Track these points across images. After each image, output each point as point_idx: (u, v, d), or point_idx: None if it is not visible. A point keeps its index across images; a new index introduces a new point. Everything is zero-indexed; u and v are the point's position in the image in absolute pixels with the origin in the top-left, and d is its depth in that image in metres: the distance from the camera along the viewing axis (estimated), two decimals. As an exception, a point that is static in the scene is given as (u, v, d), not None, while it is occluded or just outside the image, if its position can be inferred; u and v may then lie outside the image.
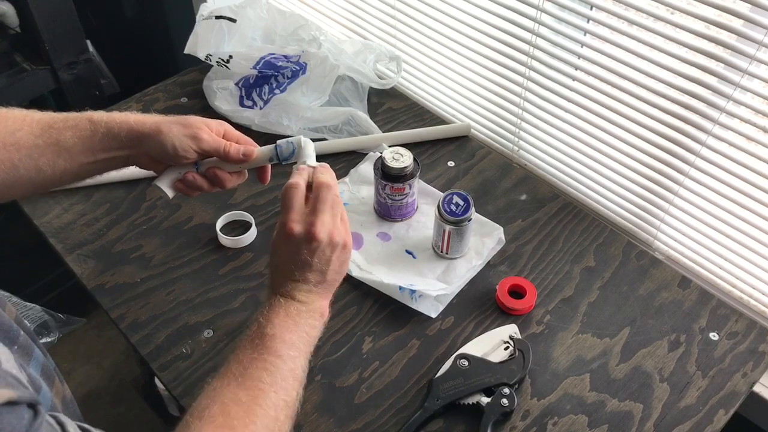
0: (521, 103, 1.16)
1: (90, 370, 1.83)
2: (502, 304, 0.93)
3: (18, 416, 0.43)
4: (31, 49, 1.47)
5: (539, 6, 1.02)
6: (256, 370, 0.63)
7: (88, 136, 0.74)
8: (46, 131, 0.73)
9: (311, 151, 0.79)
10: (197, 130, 0.76)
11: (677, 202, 1.02)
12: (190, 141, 0.76)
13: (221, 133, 0.80)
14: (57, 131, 0.73)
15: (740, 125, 0.89)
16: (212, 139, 0.77)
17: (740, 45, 0.84)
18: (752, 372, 0.87)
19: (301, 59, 1.18)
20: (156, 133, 0.75)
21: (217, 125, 0.79)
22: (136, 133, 0.75)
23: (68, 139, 0.73)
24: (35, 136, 0.72)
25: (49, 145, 0.73)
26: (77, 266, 0.99)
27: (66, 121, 0.74)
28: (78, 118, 0.74)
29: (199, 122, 0.77)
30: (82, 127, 0.74)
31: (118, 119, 0.75)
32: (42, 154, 0.73)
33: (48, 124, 0.73)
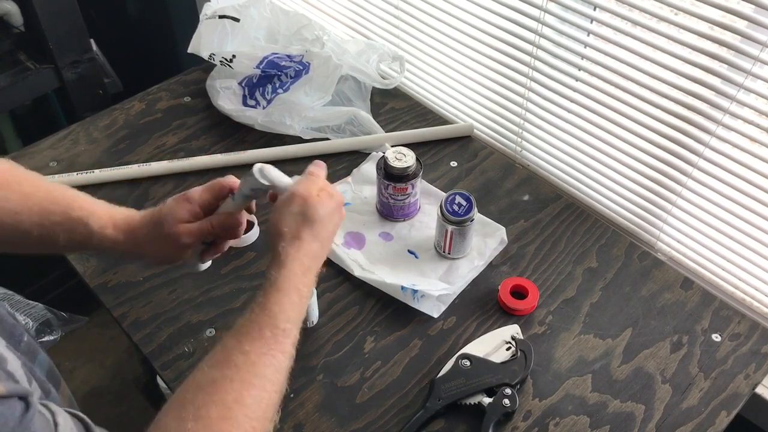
0: (524, 104, 1.16)
1: (92, 368, 1.83)
2: (504, 304, 0.93)
3: (10, 408, 0.43)
4: (34, 48, 1.47)
5: (542, 7, 1.02)
6: (264, 366, 0.60)
7: (80, 241, 0.73)
8: (41, 223, 0.71)
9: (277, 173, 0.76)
10: (176, 240, 0.74)
11: (680, 203, 1.02)
12: (179, 251, 0.76)
13: (196, 212, 0.76)
14: (51, 226, 0.71)
15: (744, 126, 0.89)
16: (193, 235, 0.75)
17: (744, 46, 0.83)
18: (754, 374, 0.87)
19: (305, 59, 1.19)
20: (145, 256, 0.76)
21: (184, 210, 0.76)
22: (121, 252, 0.75)
23: (60, 239, 0.72)
24: (32, 222, 0.70)
25: (41, 237, 0.71)
26: (80, 265, 0.99)
27: (64, 216, 0.72)
28: (75, 218, 0.72)
29: (172, 230, 0.74)
30: (78, 231, 0.72)
31: (108, 243, 0.73)
32: (31, 241, 0.71)
33: (46, 213, 0.71)
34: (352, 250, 1.01)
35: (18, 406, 0.44)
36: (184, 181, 1.12)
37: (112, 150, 1.18)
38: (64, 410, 0.50)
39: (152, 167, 1.12)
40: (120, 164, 1.14)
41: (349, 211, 1.07)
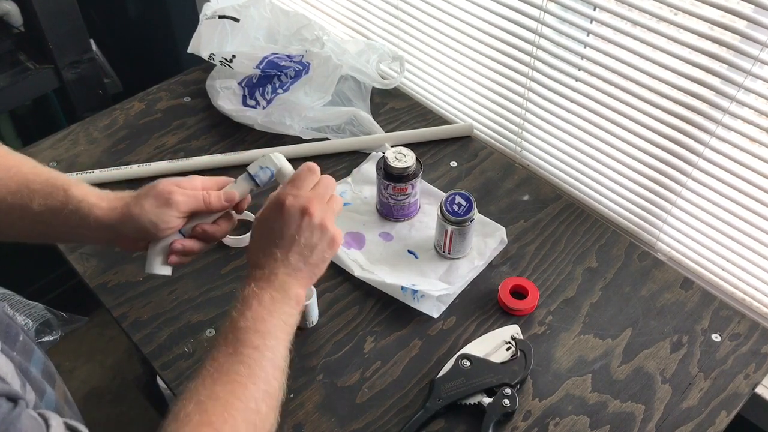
0: (524, 104, 1.16)
1: (92, 368, 1.83)
2: (504, 304, 0.93)
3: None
4: (34, 48, 1.47)
5: (542, 7, 1.02)
6: (233, 364, 0.61)
7: (56, 207, 0.70)
8: (19, 190, 0.70)
9: (285, 163, 0.76)
10: (169, 196, 0.72)
11: (680, 203, 1.02)
12: (167, 210, 0.72)
13: (195, 186, 0.75)
14: (30, 193, 0.70)
15: (743, 126, 0.89)
16: (188, 198, 0.73)
17: (744, 46, 0.83)
18: (754, 373, 0.87)
19: (304, 59, 1.19)
20: (128, 217, 0.71)
21: (188, 181, 0.75)
22: (104, 224, 0.71)
23: (35, 204, 0.70)
24: (7, 191, 0.70)
25: (16, 206, 0.70)
26: (80, 265, 0.99)
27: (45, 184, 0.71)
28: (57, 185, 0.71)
29: (168, 187, 0.73)
30: (56, 197, 0.70)
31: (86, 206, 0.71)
32: (5, 212, 0.70)
33: (25, 182, 0.70)
34: (352, 250, 1.01)
35: (4, 405, 0.44)
36: (183, 181, 1.12)
37: (111, 150, 1.18)
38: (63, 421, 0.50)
39: (152, 167, 1.12)
40: (120, 164, 1.14)
41: (348, 211, 1.07)
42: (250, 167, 0.77)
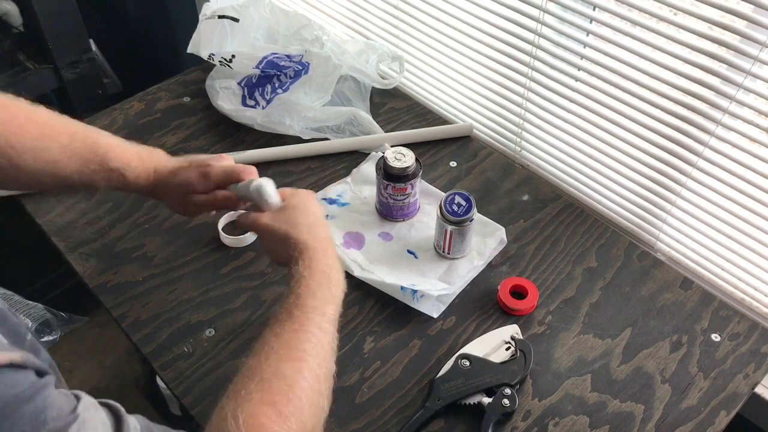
0: (524, 104, 1.16)
1: (92, 368, 1.83)
2: (503, 304, 0.93)
3: (25, 375, 0.44)
4: (34, 48, 1.47)
5: (542, 6, 1.02)
6: (300, 342, 0.61)
7: (118, 186, 0.81)
8: (81, 170, 0.77)
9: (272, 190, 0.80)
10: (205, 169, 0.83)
11: (679, 203, 1.02)
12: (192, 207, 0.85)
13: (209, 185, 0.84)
14: (91, 174, 0.77)
15: (743, 126, 0.89)
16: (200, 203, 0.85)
17: (743, 46, 0.84)
18: (754, 373, 0.87)
19: (304, 59, 1.19)
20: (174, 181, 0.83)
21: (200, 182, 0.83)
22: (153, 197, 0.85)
23: (101, 185, 0.79)
24: (72, 170, 0.76)
25: (82, 183, 0.78)
26: (79, 265, 0.99)
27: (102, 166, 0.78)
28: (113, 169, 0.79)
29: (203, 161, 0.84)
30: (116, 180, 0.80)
31: (143, 186, 0.82)
32: (73, 186, 0.78)
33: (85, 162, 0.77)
34: (352, 250, 1.01)
35: (32, 377, 0.45)
36: (183, 181, 1.12)
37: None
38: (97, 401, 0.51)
39: (152, 167, 1.12)
40: (119, 164, 1.14)
41: (348, 211, 1.07)
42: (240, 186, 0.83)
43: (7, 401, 0.42)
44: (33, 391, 0.44)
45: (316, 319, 0.63)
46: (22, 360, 0.44)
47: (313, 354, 0.61)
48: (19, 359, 0.44)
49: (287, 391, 0.56)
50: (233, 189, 0.83)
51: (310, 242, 0.71)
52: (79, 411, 0.46)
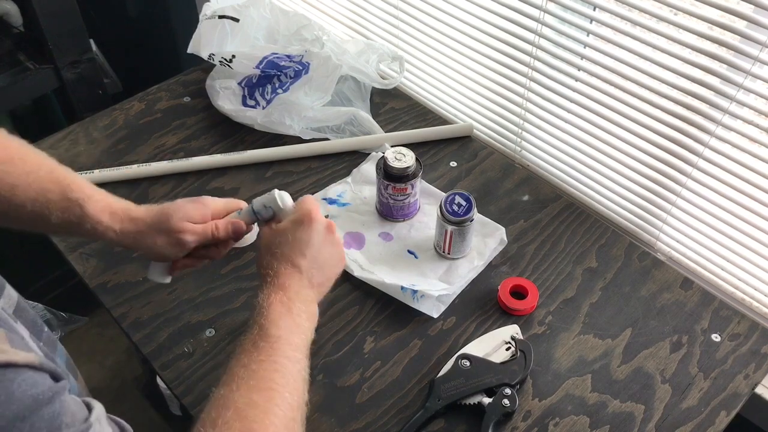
0: (524, 104, 1.16)
1: (92, 368, 1.83)
2: (503, 304, 0.93)
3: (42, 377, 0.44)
4: (34, 48, 1.47)
5: (542, 7, 1.02)
6: (267, 372, 0.61)
7: (73, 222, 0.73)
8: (38, 199, 0.71)
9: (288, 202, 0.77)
10: (179, 236, 0.75)
11: (680, 203, 1.02)
12: (177, 248, 0.76)
13: (206, 215, 0.78)
14: (47, 203, 0.71)
15: (743, 126, 0.89)
16: (197, 236, 0.76)
17: (743, 46, 0.84)
18: (754, 374, 0.87)
19: (304, 59, 1.19)
20: (139, 245, 0.76)
21: (196, 210, 0.77)
22: (118, 244, 0.77)
23: (53, 218, 0.72)
24: (27, 197, 0.71)
25: (36, 214, 0.72)
26: (79, 265, 0.99)
27: (61, 195, 0.72)
28: (72, 199, 0.72)
29: (179, 225, 0.75)
30: (73, 212, 0.73)
31: (101, 228, 0.74)
32: (23, 216, 0.72)
33: (43, 191, 0.71)
34: (352, 250, 1.01)
35: (49, 380, 0.45)
36: (183, 181, 1.12)
37: (111, 150, 1.18)
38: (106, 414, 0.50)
39: (152, 167, 1.12)
40: (120, 164, 1.14)
41: (348, 211, 1.07)
42: (255, 203, 0.79)
43: (26, 402, 0.42)
44: (51, 393, 0.44)
45: (282, 348, 0.63)
46: (39, 363, 0.44)
47: (283, 383, 0.61)
48: (37, 362, 0.44)
49: (264, 419, 0.57)
50: (243, 213, 0.80)
51: (274, 272, 0.69)
52: (92, 420, 0.46)
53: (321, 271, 0.71)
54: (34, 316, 0.59)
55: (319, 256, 0.71)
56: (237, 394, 0.58)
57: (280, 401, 0.59)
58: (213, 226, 0.77)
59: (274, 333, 0.64)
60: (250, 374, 0.60)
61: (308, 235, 0.71)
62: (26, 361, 0.43)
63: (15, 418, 0.41)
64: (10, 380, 0.41)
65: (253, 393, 0.58)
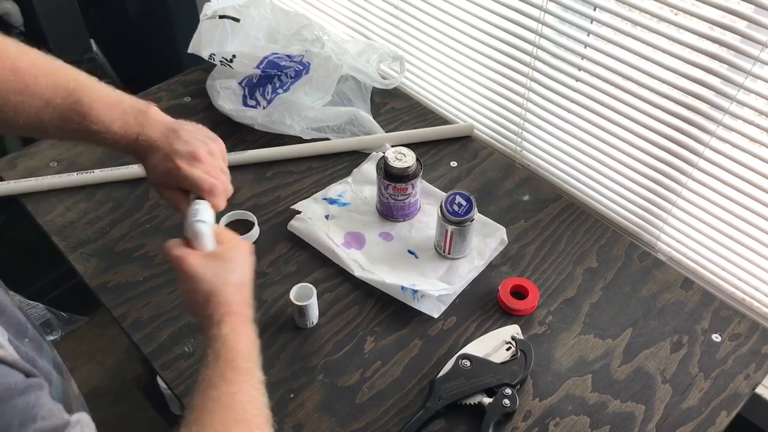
0: (524, 104, 1.16)
1: (92, 368, 1.83)
2: (504, 304, 0.93)
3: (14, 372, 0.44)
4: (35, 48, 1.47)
5: (542, 7, 1.02)
6: (241, 404, 0.59)
7: (75, 132, 0.71)
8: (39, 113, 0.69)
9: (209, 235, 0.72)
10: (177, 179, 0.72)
11: (680, 203, 1.02)
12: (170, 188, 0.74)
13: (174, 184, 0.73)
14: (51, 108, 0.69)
15: (744, 127, 0.89)
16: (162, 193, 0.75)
17: (744, 46, 0.84)
18: (755, 374, 0.87)
19: (305, 59, 1.19)
20: (139, 162, 0.74)
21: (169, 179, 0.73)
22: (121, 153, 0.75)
23: (52, 128, 0.70)
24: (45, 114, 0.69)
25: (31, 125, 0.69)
26: (80, 265, 0.99)
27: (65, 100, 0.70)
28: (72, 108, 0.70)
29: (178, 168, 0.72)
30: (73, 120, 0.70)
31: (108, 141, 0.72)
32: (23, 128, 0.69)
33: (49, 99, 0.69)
34: (352, 250, 1.01)
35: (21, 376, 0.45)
36: (184, 181, 1.12)
37: (112, 149, 1.17)
38: None
39: (152, 167, 1.12)
40: (120, 164, 1.14)
41: (349, 211, 1.07)
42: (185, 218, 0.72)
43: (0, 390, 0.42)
44: (25, 386, 0.44)
45: (250, 380, 0.62)
46: (11, 359, 0.44)
47: (256, 414, 0.60)
48: (9, 358, 0.44)
49: None
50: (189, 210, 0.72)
51: (234, 306, 0.67)
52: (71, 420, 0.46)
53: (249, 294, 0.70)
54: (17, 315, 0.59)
55: (248, 279, 0.70)
56: (211, 429, 0.56)
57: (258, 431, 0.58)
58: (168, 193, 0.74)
59: (243, 365, 0.62)
60: (222, 407, 0.58)
61: (245, 263, 0.70)
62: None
63: None
64: None
65: (231, 426, 0.57)
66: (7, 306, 0.58)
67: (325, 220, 1.04)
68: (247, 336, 0.65)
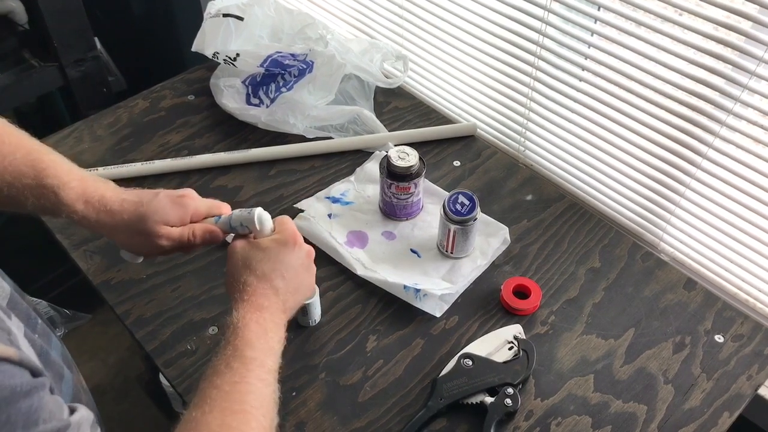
0: (528, 103, 1.16)
1: (95, 365, 1.84)
2: (506, 304, 0.93)
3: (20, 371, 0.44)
4: (39, 46, 1.47)
5: (546, 6, 1.02)
6: (241, 393, 0.59)
7: (49, 208, 0.72)
8: (14, 184, 0.69)
9: (268, 224, 0.75)
10: (154, 239, 0.73)
11: (683, 203, 1.02)
12: (151, 249, 0.74)
13: (185, 218, 0.75)
14: (22, 188, 0.70)
15: (748, 127, 0.89)
16: (173, 241, 0.74)
17: (748, 47, 0.83)
18: (757, 375, 0.87)
19: (308, 58, 1.19)
20: (113, 237, 0.74)
21: (175, 213, 0.74)
22: (94, 232, 0.75)
23: (29, 203, 0.71)
24: (3, 181, 0.69)
25: (10, 197, 0.70)
26: (83, 262, 1.00)
27: (36, 181, 0.70)
28: (47, 186, 0.70)
29: (154, 228, 0.72)
30: (48, 199, 0.71)
31: (76, 217, 0.72)
32: (2, 203, 0.70)
33: (19, 175, 0.70)
34: (355, 248, 1.01)
35: (27, 375, 0.45)
36: (187, 178, 1.12)
37: (115, 148, 1.18)
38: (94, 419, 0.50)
39: (156, 165, 1.12)
40: (123, 162, 1.14)
41: (351, 210, 1.07)
42: (233, 218, 0.75)
43: (4, 393, 0.42)
44: (29, 387, 0.44)
45: (256, 370, 0.62)
46: (18, 358, 0.44)
47: (257, 405, 0.60)
48: (16, 357, 0.44)
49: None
50: (221, 221, 0.76)
51: (251, 294, 0.67)
52: (71, 421, 0.46)
53: (294, 296, 0.71)
54: (27, 308, 0.59)
55: (295, 281, 0.71)
56: (210, 416, 0.57)
57: (255, 423, 0.58)
58: (190, 232, 0.74)
59: (249, 354, 0.62)
60: (223, 396, 0.59)
61: (290, 258, 0.70)
62: (5, 355, 0.43)
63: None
64: None
65: (227, 415, 0.57)
66: (19, 300, 0.59)
67: (327, 219, 1.04)
68: (257, 325, 0.65)
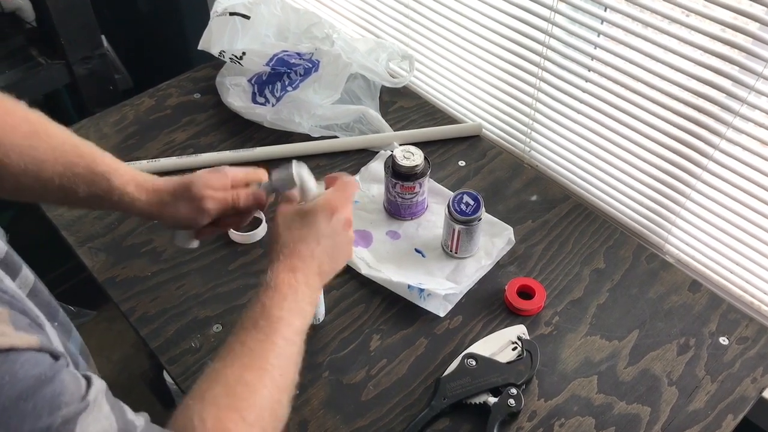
0: (533, 104, 1.15)
1: (99, 362, 1.82)
2: (510, 304, 0.93)
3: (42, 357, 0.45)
4: (46, 44, 1.48)
5: (553, 7, 1.02)
6: (264, 351, 0.61)
7: (100, 195, 0.75)
8: (65, 173, 0.72)
9: (307, 178, 0.76)
10: (201, 203, 0.77)
11: (689, 205, 1.02)
12: (199, 216, 0.78)
13: (226, 184, 0.79)
14: (74, 177, 0.73)
15: (754, 129, 0.89)
16: (218, 203, 0.78)
17: (755, 48, 0.83)
18: (762, 377, 0.87)
19: (314, 57, 1.19)
20: (164, 214, 0.78)
21: (217, 180, 0.78)
22: (145, 214, 0.78)
23: (80, 191, 0.74)
24: (55, 172, 0.72)
25: (64, 187, 0.73)
26: (88, 259, 1.00)
27: (87, 169, 0.74)
28: (98, 172, 0.74)
29: (201, 191, 0.77)
30: (99, 185, 0.75)
31: (127, 199, 0.76)
32: (51, 191, 0.73)
33: (70, 165, 0.73)
34: (359, 248, 1.01)
35: (48, 359, 0.45)
36: (192, 177, 1.12)
37: (121, 146, 1.18)
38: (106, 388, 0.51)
39: (161, 163, 1.13)
40: (129, 160, 1.14)
41: (356, 209, 1.07)
42: (274, 178, 0.78)
43: (30, 383, 0.42)
44: (52, 373, 0.44)
45: (281, 329, 0.63)
46: (39, 345, 0.45)
47: (276, 364, 0.61)
48: (37, 344, 0.45)
49: (250, 398, 0.58)
50: (263, 186, 0.80)
51: (285, 255, 0.69)
52: (89, 399, 0.47)
53: (330, 261, 0.72)
54: (48, 298, 0.60)
55: (333, 246, 0.72)
56: (229, 370, 0.59)
57: (269, 382, 0.60)
58: (234, 194, 0.78)
59: (276, 313, 0.64)
60: (245, 352, 0.61)
61: (326, 225, 0.71)
62: (27, 345, 0.44)
63: (19, 398, 0.41)
64: (12, 361, 0.42)
65: (246, 371, 0.59)
66: (41, 290, 0.60)
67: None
68: (288, 286, 0.66)
